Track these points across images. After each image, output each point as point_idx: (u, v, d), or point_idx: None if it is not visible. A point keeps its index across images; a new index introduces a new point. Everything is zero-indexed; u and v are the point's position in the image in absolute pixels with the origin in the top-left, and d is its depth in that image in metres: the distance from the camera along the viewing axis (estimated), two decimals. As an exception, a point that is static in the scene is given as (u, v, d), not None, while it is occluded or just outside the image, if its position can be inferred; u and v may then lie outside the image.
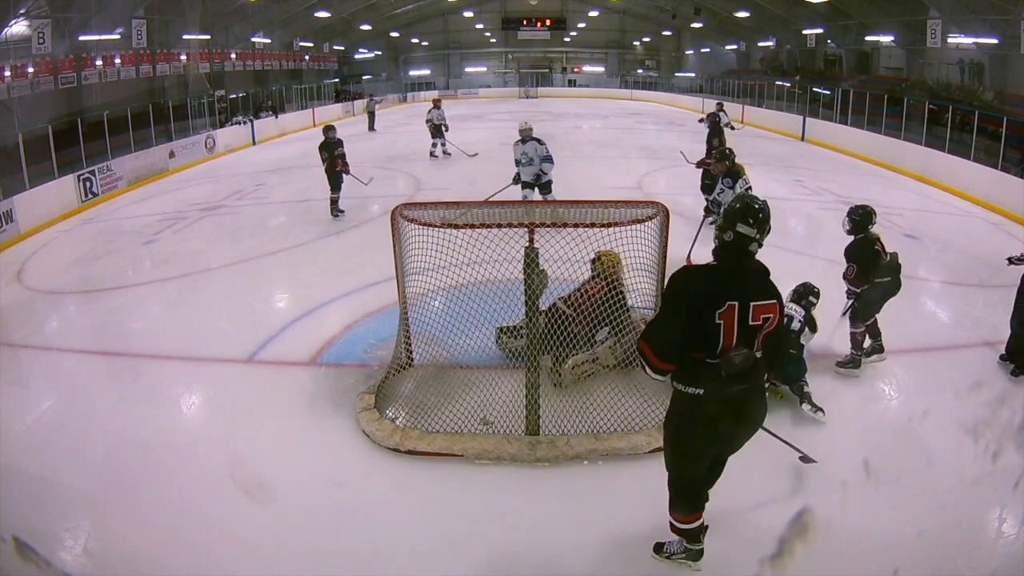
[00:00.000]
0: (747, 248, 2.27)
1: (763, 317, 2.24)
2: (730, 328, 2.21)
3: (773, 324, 2.27)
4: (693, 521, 2.62)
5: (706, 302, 2.21)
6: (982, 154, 10.76)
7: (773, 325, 2.27)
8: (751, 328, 2.23)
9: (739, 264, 2.29)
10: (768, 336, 2.29)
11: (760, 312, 2.23)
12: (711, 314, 2.19)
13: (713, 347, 2.23)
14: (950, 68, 17.48)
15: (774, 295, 2.29)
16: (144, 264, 7.40)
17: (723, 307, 2.19)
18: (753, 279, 2.29)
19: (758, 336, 2.26)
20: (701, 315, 2.21)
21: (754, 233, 2.26)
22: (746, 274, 2.29)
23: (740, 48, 28.97)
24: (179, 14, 18.25)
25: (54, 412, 4.17)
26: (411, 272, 4.07)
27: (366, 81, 32.48)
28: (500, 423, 3.70)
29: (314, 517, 3.09)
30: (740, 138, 16.30)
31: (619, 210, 3.89)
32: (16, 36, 13.65)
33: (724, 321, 2.20)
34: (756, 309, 2.22)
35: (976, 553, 2.88)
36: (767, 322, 2.25)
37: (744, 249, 2.28)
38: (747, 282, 2.27)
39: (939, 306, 5.90)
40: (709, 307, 2.20)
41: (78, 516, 3.18)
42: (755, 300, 2.23)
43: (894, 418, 3.98)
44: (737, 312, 2.20)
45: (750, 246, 2.28)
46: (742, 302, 2.21)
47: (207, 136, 15.47)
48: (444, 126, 13.56)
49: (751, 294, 2.24)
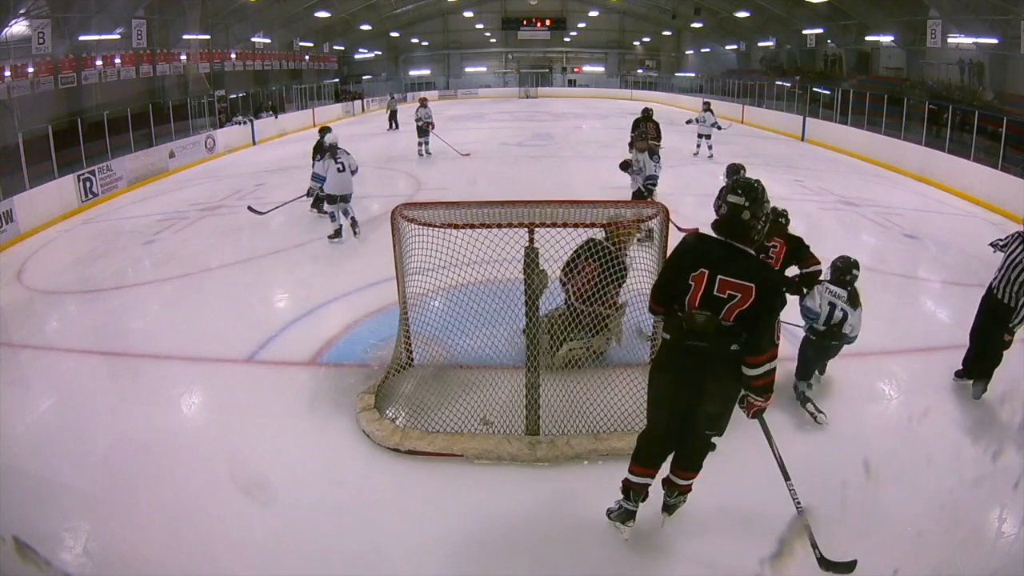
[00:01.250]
0: (739, 216, 2.42)
1: (728, 292, 2.42)
2: (696, 290, 2.46)
3: (745, 304, 2.41)
4: (639, 474, 2.79)
5: (686, 263, 2.49)
6: (982, 154, 10.76)
7: (745, 305, 2.41)
8: (716, 298, 2.44)
9: (727, 238, 2.46)
10: (742, 313, 2.43)
11: (726, 287, 2.42)
12: (687, 274, 2.47)
13: (682, 302, 2.51)
14: (950, 68, 17.47)
15: (751, 279, 2.41)
16: (144, 264, 7.40)
17: (696, 271, 2.45)
18: (733, 257, 2.44)
19: (725, 308, 2.44)
20: (680, 273, 2.50)
21: (743, 201, 2.41)
22: (729, 249, 2.45)
23: (740, 48, 28.95)
24: (179, 14, 18.25)
25: (54, 412, 4.17)
26: (411, 272, 4.07)
27: (366, 81, 32.50)
28: (500, 423, 3.70)
29: (314, 517, 3.09)
30: (741, 138, 16.34)
31: (619, 210, 3.89)
32: (16, 36, 13.64)
33: (694, 283, 2.46)
34: (722, 283, 2.42)
35: (976, 553, 2.88)
36: (733, 299, 2.42)
37: (737, 218, 2.42)
38: (724, 257, 2.44)
39: (939, 306, 5.90)
40: (687, 268, 2.48)
41: (78, 516, 3.18)
42: (723, 275, 2.42)
43: (894, 418, 3.98)
44: (706, 279, 2.44)
45: (742, 214, 2.41)
46: (711, 272, 2.43)
47: (207, 136, 15.47)
48: (431, 124, 13.66)
49: (722, 268, 2.43)
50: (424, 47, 36.47)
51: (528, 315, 3.54)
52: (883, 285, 5.98)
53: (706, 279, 2.43)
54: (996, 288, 3.96)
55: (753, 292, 2.40)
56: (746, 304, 2.41)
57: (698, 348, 2.49)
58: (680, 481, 2.88)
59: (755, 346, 2.47)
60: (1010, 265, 3.90)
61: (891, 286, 6.05)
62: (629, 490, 2.84)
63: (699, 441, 2.75)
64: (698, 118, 13.41)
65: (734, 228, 2.44)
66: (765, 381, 2.52)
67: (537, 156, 13.04)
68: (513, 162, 13.10)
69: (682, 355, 2.54)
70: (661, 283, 2.62)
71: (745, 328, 2.45)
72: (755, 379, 2.50)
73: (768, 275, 2.58)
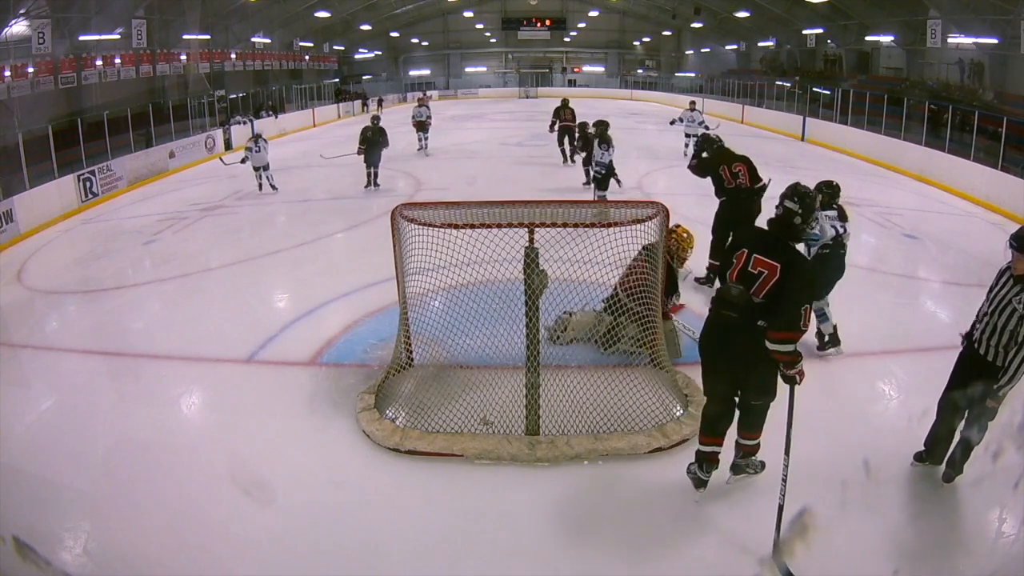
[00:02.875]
0: (791, 221, 2.83)
1: (759, 269, 2.80)
2: (736, 266, 2.88)
3: (770, 281, 2.77)
4: (705, 443, 3.12)
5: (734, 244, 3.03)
6: (982, 154, 10.75)
7: (771, 282, 2.77)
8: (749, 274, 2.82)
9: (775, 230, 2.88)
10: (770, 292, 2.77)
11: (758, 264, 2.81)
12: (731, 252, 2.94)
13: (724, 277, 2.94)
14: (950, 68, 17.47)
15: (779, 260, 2.77)
16: (144, 264, 7.40)
17: (739, 250, 2.90)
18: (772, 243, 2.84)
19: (756, 283, 2.80)
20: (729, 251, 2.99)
21: (797, 208, 2.83)
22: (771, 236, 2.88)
23: (740, 48, 28.94)
24: (179, 14, 18.23)
25: (54, 412, 4.17)
26: (411, 272, 4.07)
27: (366, 81, 32.49)
28: (500, 423, 3.70)
29: (314, 517, 3.09)
30: (740, 138, 16.29)
31: (619, 210, 3.89)
32: (16, 36, 13.63)
33: (736, 261, 2.89)
34: (756, 260, 2.82)
35: (976, 553, 2.87)
36: (761, 275, 2.79)
37: (789, 221, 2.84)
38: (765, 242, 2.86)
39: (939, 306, 5.90)
40: (732, 247, 2.98)
41: (78, 516, 3.18)
42: (759, 254, 2.82)
43: (894, 418, 3.98)
44: (744, 258, 2.85)
45: (794, 219, 2.83)
46: (750, 252, 2.84)
47: (207, 136, 15.47)
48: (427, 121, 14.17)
49: (760, 250, 2.83)
50: (424, 47, 36.45)
51: (528, 315, 3.54)
52: (883, 285, 5.98)
53: (744, 257, 2.85)
54: (978, 341, 3.05)
55: (778, 271, 2.74)
56: (771, 280, 2.76)
57: (729, 318, 2.84)
58: (744, 442, 3.15)
59: (775, 321, 2.73)
60: (996, 309, 2.96)
61: (891, 286, 6.05)
62: (701, 460, 3.12)
63: (750, 407, 3.05)
64: (683, 117, 12.82)
65: (783, 227, 2.86)
66: (786, 358, 2.73)
67: (537, 156, 13.03)
68: (513, 162, 13.10)
69: (716, 324, 2.94)
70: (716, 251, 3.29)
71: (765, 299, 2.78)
72: (776, 353, 2.73)
73: (795, 257, 2.83)
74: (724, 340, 2.92)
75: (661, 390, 3.98)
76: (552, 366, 4.01)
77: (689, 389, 3.99)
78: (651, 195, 9.53)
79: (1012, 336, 2.90)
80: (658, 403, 3.82)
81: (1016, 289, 2.89)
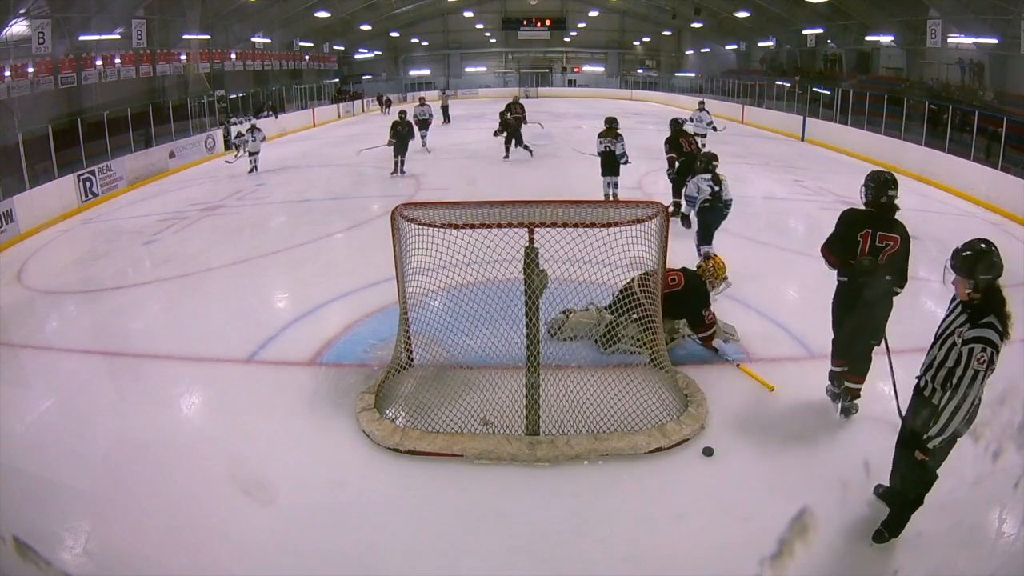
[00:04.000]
0: (893, 204, 3.61)
1: (884, 242, 3.56)
2: (864, 244, 3.56)
3: (894, 248, 3.55)
4: (836, 365, 3.91)
5: (851, 226, 3.62)
6: (982, 154, 10.76)
7: (894, 249, 3.55)
8: (877, 247, 3.56)
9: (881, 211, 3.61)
10: (891, 255, 3.55)
11: (883, 239, 3.56)
12: (854, 234, 3.59)
13: (853, 254, 3.60)
14: (950, 68, 17.47)
15: (897, 232, 3.56)
16: (144, 264, 7.40)
17: (862, 231, 3.57)
18: (885, 220, 3.59)
19: (883, 253, 3.56)
20: (848, 233, 3.61)
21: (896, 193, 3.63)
22: (882, 217, 3.60)
23: (740, 48, 28.95)
24: (179, 14, 18.24)
25: (54, 412, 4.17)
26: (411, 272, 4.07)
27: (366, 81, 32.49)
28: (500, 423, 3.70)
29: (314, 517, 3.09)
30: (740, 138, 16.32)
31: (619, 210, 3.89)
32: (16, 36, 13.63)
33: (862, 240, 3.57)
34: (880, 236, 3.56)
35: (976, 553, 2.88)
36: (888, 245, 3.56)
37: (892, 205, 3.61)
38: (881, 221, 3.59)
39: (939, 306, 5.84)
40: (853, 229, 3.60)
41: (78, 516, 3.18)
42: (881, 231, 3.57)
43: (894, 418, 3.96)
44: (870, 236, 3.55)
45: (895, 201, 3.62)
46: (873, 231, 3.56)
47: (207, 136, 15.47)
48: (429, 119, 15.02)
49: (880, 228, 3.57)
50: (424, 47, 36.45)
51: (528, 315, 3.54)
52: (883, 285, 5.97)
53: (870, 236, 3.55)
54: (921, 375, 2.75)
55: (898, 240, 3.54)
56: (894, 248, 3.54)
57: (861, 286, 3.59)
58: (851, 385, 3.84)
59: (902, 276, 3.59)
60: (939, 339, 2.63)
61: (891, 286, 6.04)
62: (833, 377, 3.92)
63: (862, 348, 3.75)
64: (692, 117, 13.01)
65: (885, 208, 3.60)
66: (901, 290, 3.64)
67: (537, 156, 13.04)
68: (513, 162, 13.10)
69: (852, 289, 3.67)
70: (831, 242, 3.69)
71: (889, 263, 3.53)
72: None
73: (905, 229, 3.59)
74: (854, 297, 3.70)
75: (661, 390, 3.98)
76: (552, 366, 4.01)
77: (689, 389, 3.99)
78: (651, 195, 9.54)
79: (948, 375, 2.51)
80: (658, 403, 3.83)
81: (962, 319, 2.52)
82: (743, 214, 8.93)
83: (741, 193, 10.35)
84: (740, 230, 7.76)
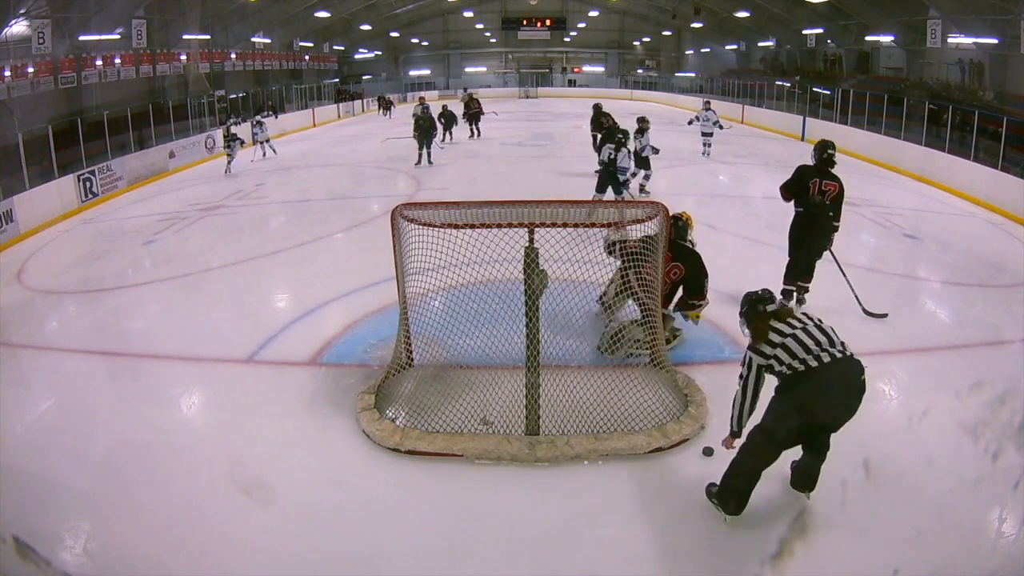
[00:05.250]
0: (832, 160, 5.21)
1: (827, 187, 5.11)
2: (813, 189, 5.10)
3: (834, 192, 5.12)
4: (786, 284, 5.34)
5: (804, 176, 5.17)
6: (982, 154, 10.75)
7: (834, 193, 5.12)
8: (822, 191, 5.10)
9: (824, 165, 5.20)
10: (833, 197, 5.12)
11: (827, 185, 5.11)
12: (807, 182, 5.13)
13: (807, 196, 5.14)
14: (950, 68, 17.46)
15: (836, 181, 5.14)
16: (144, 264, 7.40)
17: (812, 180, 5.11)
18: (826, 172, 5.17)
19: (826, 196, 5.11)
20: (802, 181, 5.16)
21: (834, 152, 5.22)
22: (824, 170, 5.18)
23: (740, 48, 28.95)
24: (179, 14, 18.24)
25: (54, 412, 4.17)
26: (411, 272, 4.07)
27: (366, 81, 32.50)
28: (500, 423, 3.70)
29: (314, 517, 3.09)
30: (741, 138, 16.33)
31: (619, 210, 3.89)
32: (16, 36, 13.64)
33: (812, 186, 5.10)
34: (825, 184, 5.10)
35: (976, 553, 2.87)
36: (830, 190, 5.11)
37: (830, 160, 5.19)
38: (823, 173, 5.16)
39: (939, 306, 5.90)
40: (805, 178, 5.15)
41: (78, 516, 3.18)
42: (825, 180, 5.13)
43: (894, 418, 3.98)
44: (818, 184, 5.09)
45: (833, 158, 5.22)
46: (820, 179, 5.12)
47: (207, 136, 15.47)
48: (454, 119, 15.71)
49: (824, 177, 5.13)
50: (424, 47, 36.46)
51: (528, 315, 3.54)
52: (883, 285, 5.98)
53: (818, 183, 5.09)
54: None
55: (836, 186, 5.11)
56: (835, 192, 5.11)
57: (814, 217, 5.14)
58: (803, 284, 5.27)
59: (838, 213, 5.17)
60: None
61: (891, 286, 6.05)
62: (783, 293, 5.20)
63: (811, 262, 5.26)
64: (699, 116, 13.35)
65: (827, 162, 5.18)
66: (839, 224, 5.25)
67: (537, 156, 13.04)
68: (513, 162, 13.11)
69: (807, 219, 5.17)
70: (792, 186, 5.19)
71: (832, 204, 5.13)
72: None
73: (839, 180, 5.13)
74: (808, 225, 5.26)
75: (661, 390, 3.98)
76: (552, 366, 4.00)
77: (689, 389, 3.99)
78: (651, 195, 9.53)
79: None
80: (658, 403, 3.82)
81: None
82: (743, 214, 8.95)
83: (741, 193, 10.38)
84: (740, 230, 7.77)
